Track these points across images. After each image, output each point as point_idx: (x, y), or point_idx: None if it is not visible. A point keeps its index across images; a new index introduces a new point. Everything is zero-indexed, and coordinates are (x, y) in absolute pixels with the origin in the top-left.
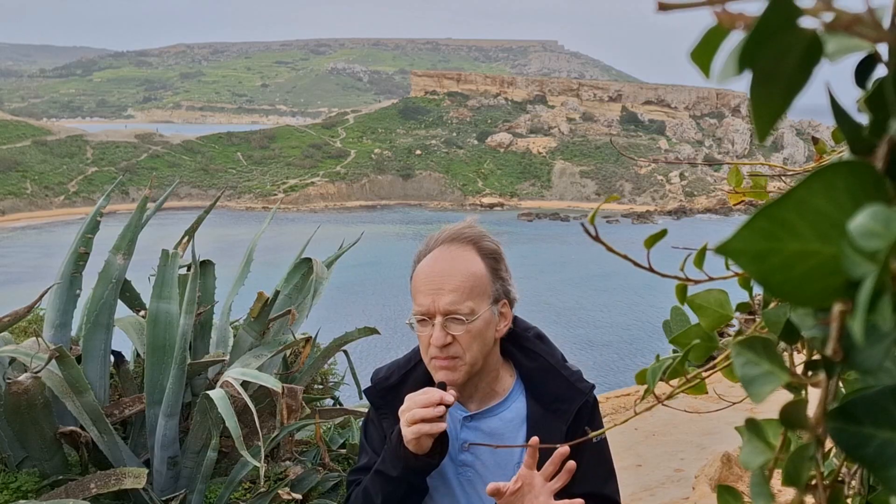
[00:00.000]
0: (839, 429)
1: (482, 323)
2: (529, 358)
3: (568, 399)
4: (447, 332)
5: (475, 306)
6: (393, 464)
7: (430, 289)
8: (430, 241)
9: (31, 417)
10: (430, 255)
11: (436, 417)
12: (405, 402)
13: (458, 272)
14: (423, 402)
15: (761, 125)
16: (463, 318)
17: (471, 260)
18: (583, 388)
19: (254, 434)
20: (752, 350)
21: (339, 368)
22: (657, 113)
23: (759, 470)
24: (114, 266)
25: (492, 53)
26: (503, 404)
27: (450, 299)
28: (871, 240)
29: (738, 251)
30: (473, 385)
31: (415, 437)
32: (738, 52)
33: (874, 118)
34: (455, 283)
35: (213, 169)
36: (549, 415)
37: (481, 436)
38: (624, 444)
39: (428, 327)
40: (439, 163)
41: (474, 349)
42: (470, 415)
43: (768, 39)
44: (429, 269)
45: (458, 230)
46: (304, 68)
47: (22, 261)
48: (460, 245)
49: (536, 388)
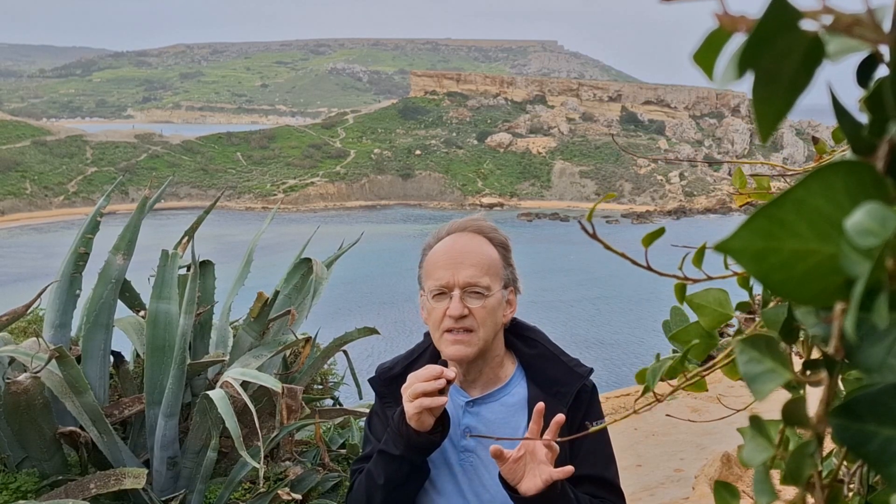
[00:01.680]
0: (842, 426)
1: (496, 301)
2: (529, 345)
3: (567, 383)
4: (464, 304)
5: (491, 283)
6: (395, 442)
7: (449, 263)
8: (440, 232)
9: (31, 417)
10: (442, 241)
11: (436, 391)
12: (408, 379)
13: (477, 251)
14: (425, 376)
15: (764, 126)
16: (482, 290)
17: (486, 245)
18: (581, 372)
19: (253, 434)
20: (756, 348)
21: (339, 368)
22: (657, 113)
23: (762, 466)
24: (114, 266)
25: (491, 53)
26: (504, 389)
27: (470, 272)
28: (866, 237)
29: (737, 250)
30: (478, 369)
31: (416, 412)
32: (739, 55)
33: (874, 118)
34: (475, 259)
35: (212, 169)
36: (550, 399)
37: (483, 421)
38: (624, 444)
39: (444, 300)
40: (439, 163)
41: (488, 326)
42: (472, 400)
43: (768, 42)
44: (448, 247)
45: (469, 221)
46: (304, 68)
47: (22, 261)
48: (472, 233)
49: (536, 374)
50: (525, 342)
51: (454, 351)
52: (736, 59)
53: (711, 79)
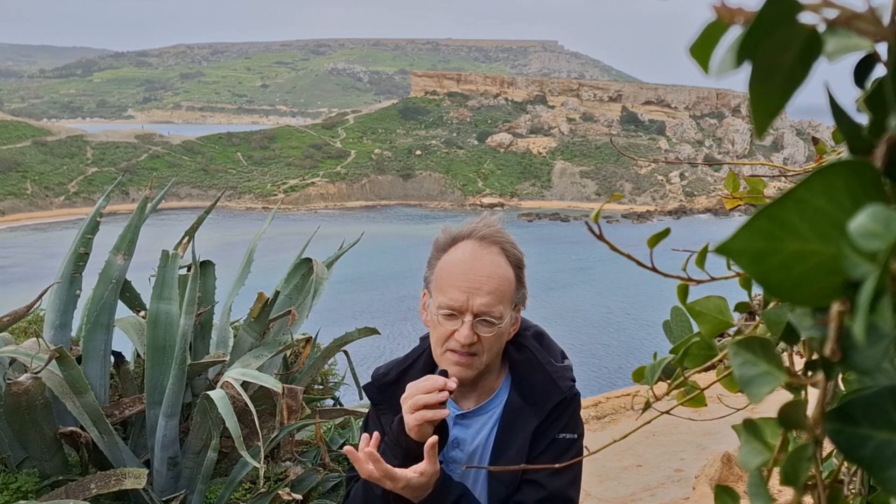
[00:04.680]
0: (837, 430)
1: (506, 327)
2: (518, 350)
3: (545, 394)
4: (475, 331)
5: (503, 311)
6: (393, 452)
7: (467, 286)
8: (457, 232)
9: (32, 418)
10: (459, 248)
11: (438, 403)
12: (407, 389)
13: (496, 275)
14: (427, 388)
15: (760, 121)
16: (494, 321)
17: (503, 265)
18: (563, 386)
19: (254, 434)
20: (750, 350)
21: (339, 369)
22: (657, 113)
23: (758, 470)
24: (114, 266)
25: (492, 53)
26: (494, 400)
27: (486, 301)
28: (871, 240)
29: (737, 251)
30: (475, 383)
31: (417, 424)
32: (738, 44)
33: (873, 117)
34: (492, 286)
35: (213, 169)
36: (526, 407)
37: (471, 433)
38: (624, 444)
39: (454, 322)
40: (439, 163)
41: (493, 351)
42: (462, 413)
43: (767, 33)
44: (466, 265)
45: (490, 231)
46: (304, 69)
47: (22, 261)
48: (493, 247)
49: (520, 380)
50: (516, 346)
51: (455, 371)
52: (734, 49)
53: (707, 72)
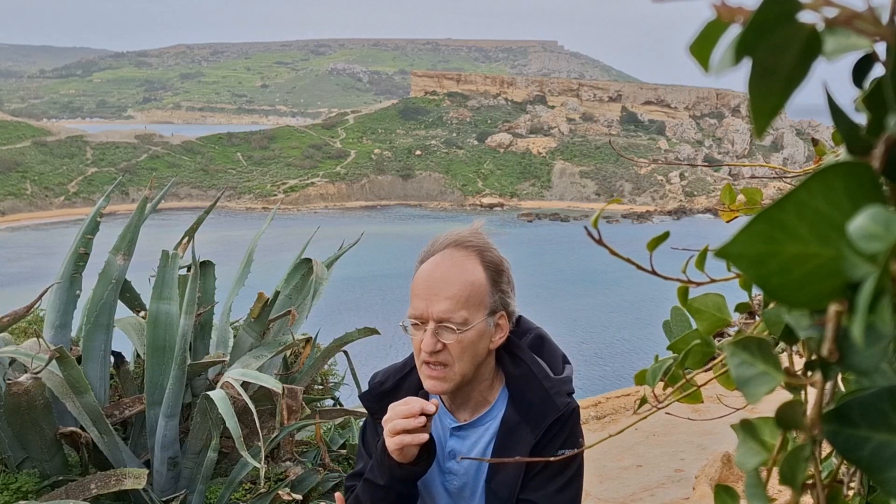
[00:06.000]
0: (834, 431)
1: (475, 334)
2: (515, 364)
3: (542, 412)
4: (438, 339)
5: (469, 316)
6: (380, 472)
7: (426, 293)
8: (434, 243)
9: (32, 418)
10: (432, 258)
11: (418, 427)
12: (389, 410)
13: (457, 280)
14: (404, 412)
15: (759, 121)
16: (454, 327)
17: (472, 269)
18: (559, 403)
19: (254, 434)
20: (747, 350)
21: (340, 369)
22: (657, 113)
23: (755, 470)
24: (114, 267)
25: (492, 54)
26: (490, 413)
27: (444, 307)
28: (871, 242)
29: (737, 255)
30: (465, 395)
31: (398, 448)
32: (737, 41)
33: (872, 117)
34: (452, 291)
35: (212, 169)
36: (523, 424)
37: (468, 445)
38: (624, 444)
39: (420, 332)
40: (439, 163)
41: (465, 360)
42: (458, 425)
43: (767, 30)
44: (428, 273)
45: (464, 237)
46: (304, 69)
47: (22, 261)
48: (464, 251)
49: (517, 395)
50: (513, 360)
51: (430, 385)
52: (733, 46)
53: (707, 70)
